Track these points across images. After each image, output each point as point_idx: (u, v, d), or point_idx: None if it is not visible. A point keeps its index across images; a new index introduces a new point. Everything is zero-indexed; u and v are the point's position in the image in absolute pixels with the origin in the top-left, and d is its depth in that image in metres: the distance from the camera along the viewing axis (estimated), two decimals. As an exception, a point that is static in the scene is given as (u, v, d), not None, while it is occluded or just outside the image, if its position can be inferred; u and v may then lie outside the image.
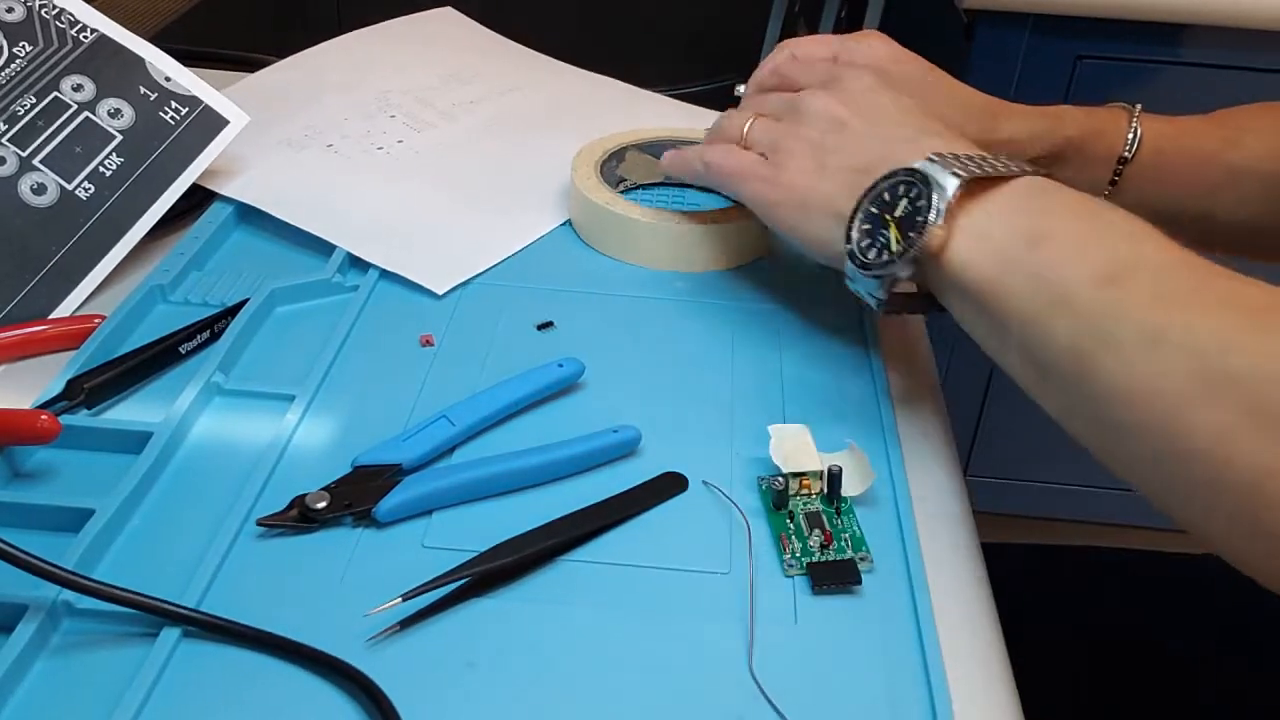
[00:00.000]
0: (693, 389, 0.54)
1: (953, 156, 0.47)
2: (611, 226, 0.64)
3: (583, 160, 0.68)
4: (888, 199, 0.48)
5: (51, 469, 0.48)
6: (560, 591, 0.43)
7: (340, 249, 0.62)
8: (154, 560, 0.44)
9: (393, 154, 0.73)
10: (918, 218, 0.46)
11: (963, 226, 0.46)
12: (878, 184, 0.49)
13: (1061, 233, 0.44)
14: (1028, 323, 0.43)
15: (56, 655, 0.40)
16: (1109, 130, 0.61)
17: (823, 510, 0.47)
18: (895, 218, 0.47)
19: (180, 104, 0.66)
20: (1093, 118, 0.61)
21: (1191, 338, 0.38)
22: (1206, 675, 0.67)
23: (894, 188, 0.48)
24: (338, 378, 0.54)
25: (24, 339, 0.56)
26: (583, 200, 0.65)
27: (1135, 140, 0.61)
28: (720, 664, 0.41)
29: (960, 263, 0.46)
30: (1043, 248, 0.43)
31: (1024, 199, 0.46)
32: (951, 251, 0.46)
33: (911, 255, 0.46)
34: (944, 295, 0.48)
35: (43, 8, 0.65)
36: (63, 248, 0.60)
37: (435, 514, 0.47)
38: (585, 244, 0.66)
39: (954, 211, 0.46)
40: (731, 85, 0.88)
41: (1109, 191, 0.61)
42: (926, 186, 0.46)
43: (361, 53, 0.86)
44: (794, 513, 0.46)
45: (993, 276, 0.44)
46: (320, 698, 0.39)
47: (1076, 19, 1.01)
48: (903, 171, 0.48)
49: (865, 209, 0.49)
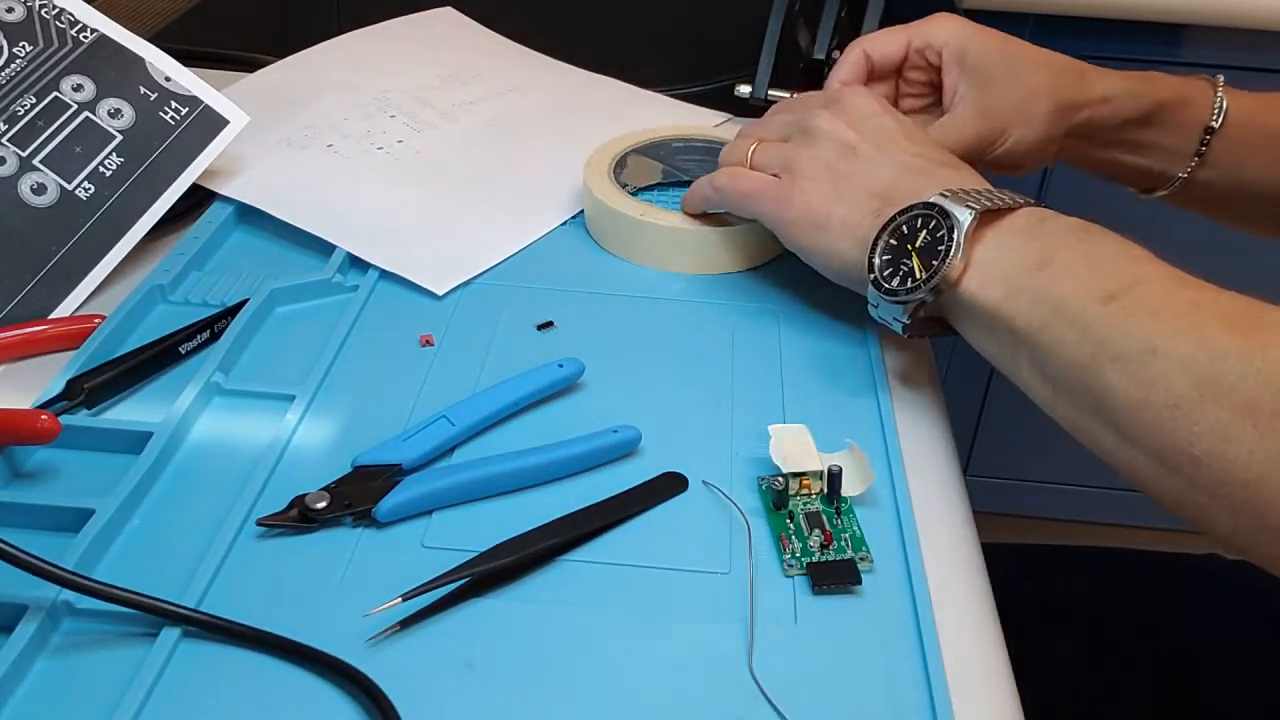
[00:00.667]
0: (693, 389, 0.54)
1: (963, 192, 0.50)
2: (631, 231, 0.63)
3: (596, 161, 0.68)
4: (906, 231, 0.51)
5: (51, 469, 0.48)
6: (560, 591, 0.43)
7: (340, 249, 0.62)
8: (154, 560, 0.44)
9: (393, 154, 0.73)
10: (939, 248, 0.49)
11: (975, 256, 0.49)
12: (896, 218, 0.51)
13: (1063, 257, 0.46)
14: (1036, 341, 0.46)
15: (56, 655, 0.40)
16: (1198, 100, 0.62)
17: (823, 510, 0.47)
18: (916, 248, 0.50)
19: (180, 104, 0.66)
20: (1184, 86, 0.62)
21: (1186, 347, 0.40)
22: (1206, 675, 0.67)
23: (913, 220, 0.51)
24: (338, 378, 0.54)
25: (24, 339, 0.56)
26: (597, 203, 0.65)
27: (1221, 112, 0.62)
28: (720, 664, 0.41)
29: (973, 289, 0.48)
30: (1047, 271, 0.46)
31: (1028, 228, 0.49)
32: (966, 279, 0.49)
33: (934, 284, 0.49)
34: (957, 319, 0.51)
35: (43, 8, 0.65)
36: (63, 248, 0.60)
37: (435, 514, 0.47)
38: (589, 244, 0.66)
39: (968, 243, 0.49)
40: (732, 85, 0.89)
41: (1195, 162, 0.63)
42: (945, 219, 0.49)
43: (361, 53, 0.86)
44: (794, 513, 0.46)
45: (1002, 299, 0.47)
46: (320, 698, 0.39)
47: (1076, 19, 1.01)
48: (920, 206, 0.50)
49: (885, 240, 0.51)
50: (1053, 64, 0.61)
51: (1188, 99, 0.62)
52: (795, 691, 0.40)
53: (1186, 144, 0.63)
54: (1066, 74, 0.61)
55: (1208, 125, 0.62)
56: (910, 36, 0.62)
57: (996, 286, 0.48)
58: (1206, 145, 0.62)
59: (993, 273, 0.48)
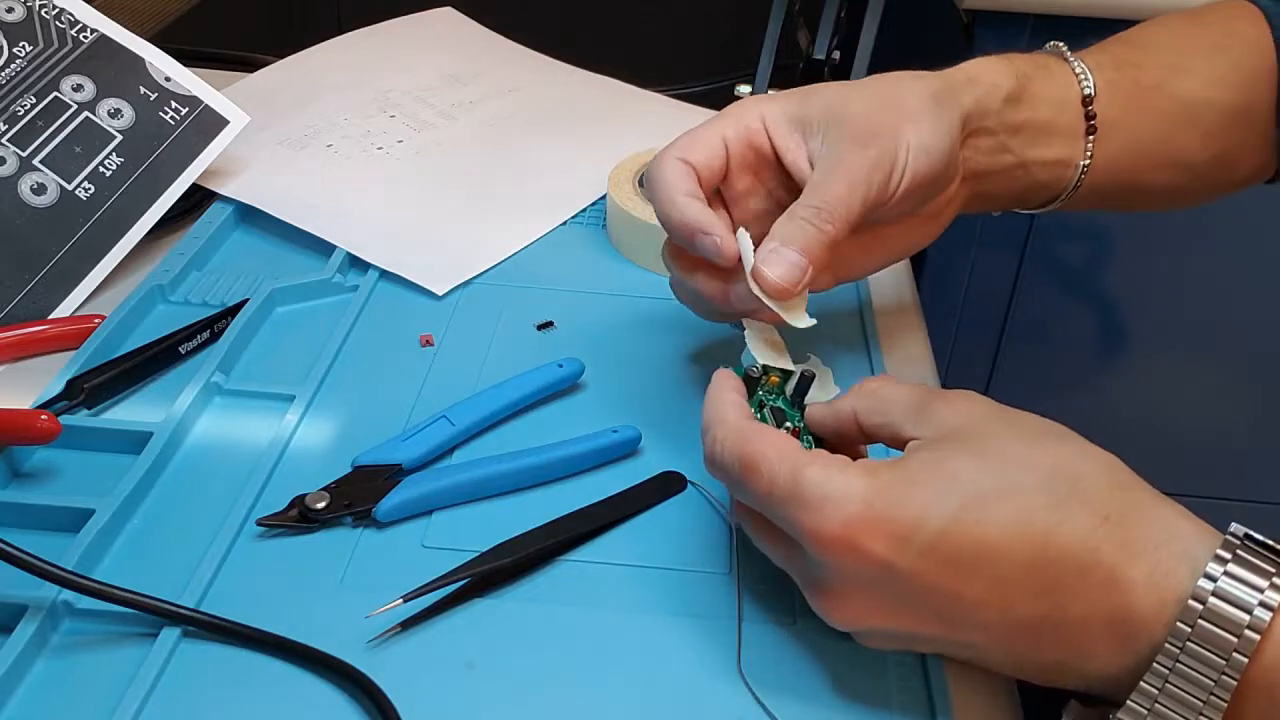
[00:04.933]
0: (692, 389, 0.54)
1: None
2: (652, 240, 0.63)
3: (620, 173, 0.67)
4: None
5: (51, 469, 0.48)
6: (560, 591, 0.43)
7: (340, 249, 0.62)
8: (154, 560, 0.44)
9: (393, 154, 0.73)
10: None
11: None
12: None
13: None
14: None
15: (56, 655, 0.40)
16: (1052, 65, 0.52)
17: (786, 410, 0.46)
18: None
19: (180, 104, 0.66)
20: (1027, 56, 0.52)
21: None
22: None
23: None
24: (338, 378, 0.54)
25: (24, 339, 0.56)
26: (621, 214, 0.64)
27: (1086, 73, 0.51)
28: (720, 664, 0.41)
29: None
30: None
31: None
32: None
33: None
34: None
35: (43, 8, 0.65)
36: (63, 248, 0.60)
37: (435, 514, 0.47)
38: (589, 244, 0.66)
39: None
40: (732, 85, 0.89)
41: (1092, 141, 0.51)
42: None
43: (361, 53, 0.86)
44: (764, 403, 0.45)
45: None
46: (320, 698, 0.39)
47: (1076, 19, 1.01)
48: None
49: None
50: (885, 74, 0.49)
51: (1044, 65, 0.51)
52: (795, 691, 0.40)
53: (1073, 119, 0.51)
54: (907, 75, 0.49)
55: (1083, 94, 0.51)
56: (720, 129, 0.48)
57: None
58: (1093, 117, 0.51)
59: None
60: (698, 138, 0.48)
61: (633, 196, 0.65)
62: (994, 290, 1.12)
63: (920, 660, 0.41)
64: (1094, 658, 0.35)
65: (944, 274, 1.11)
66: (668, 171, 0.47)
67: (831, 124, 0.47)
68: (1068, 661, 0.36)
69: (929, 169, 0.47)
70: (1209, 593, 0.33)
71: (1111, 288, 1.13)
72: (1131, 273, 1.12)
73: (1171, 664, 0.33)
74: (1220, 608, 0.33)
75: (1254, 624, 0.32)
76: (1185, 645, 0.33)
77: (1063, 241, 1.10)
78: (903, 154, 0.46)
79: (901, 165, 0.46)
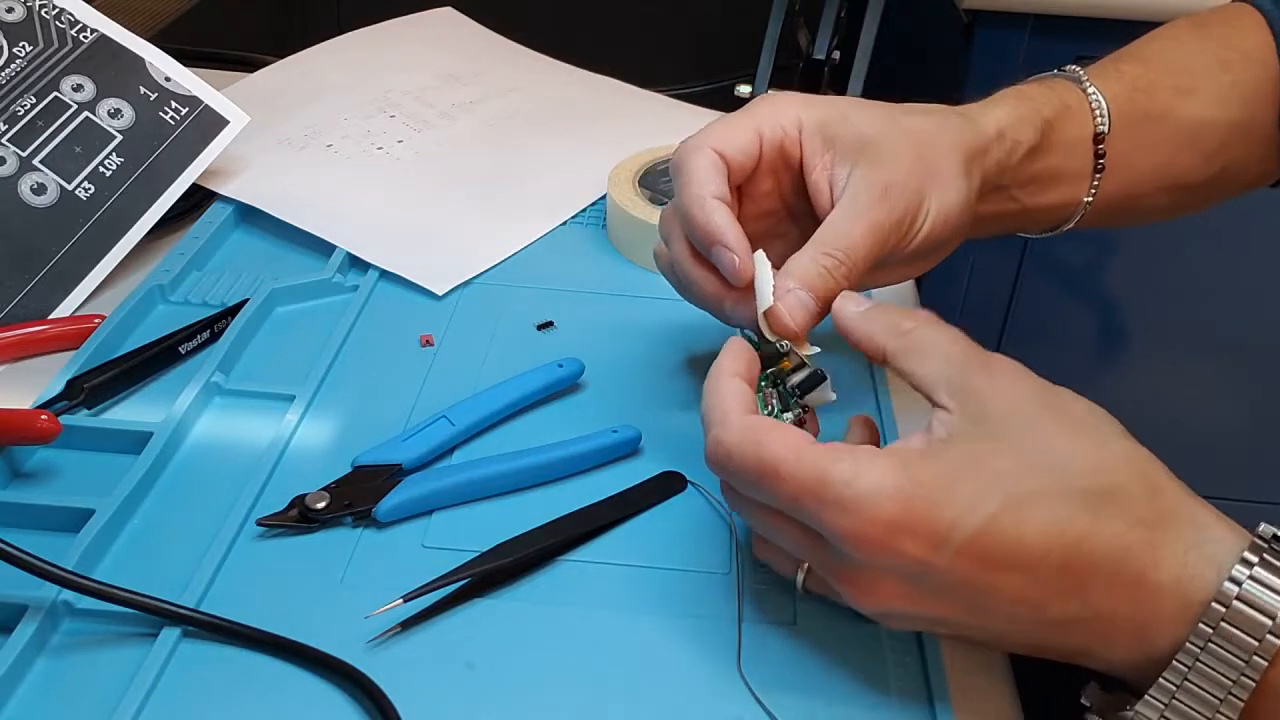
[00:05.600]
0: (693, 389, 0.54)
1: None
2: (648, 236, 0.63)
3: (623, 168, 0.67)
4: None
5: (51, 469, 0.48)
6: (560, 591, 0.43)
7: (340, 249, 0.62)
8: (154, 560, 0.44)
9: (392, 154, 0.73)
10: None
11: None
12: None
13: None
14: None
15: (56, 655, 0.40)
16: (1073, 104, 0.52)
17: (787, 399, 0.45)
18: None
19: (180, 104, 0.66)
20: (1055, 92, 0.52)
21: None
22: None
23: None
24: (338, 378, 0.54)
25: (24, 339, 0.56)
26: (621, 214, 0.64)
27: (1103, 112, 0.52)
28: (720, 664, 0.41)
29: None
30: None
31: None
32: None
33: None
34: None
35: (43, 8, 0.65)
36: (63, 248, 0.60)
37: (435, 514, 0.47)
38: (590, 244, 0.66)
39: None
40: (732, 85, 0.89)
41: (1098, 180, 0.52)
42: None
43: (361, 53, 0.86)
44: (777, 382, 0.45)
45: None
46: (320, 698, 0.39)
47: (1076, 19, 1.01)
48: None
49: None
50: (928, 111, 0.49)
51: (1066, 104, 0.51)
52: (794, 692, 0.40)
53: (1083, 162, 0.52)
54: (949, 116, 0.48)
55: (1096, 132, 0.51)
56: (757, 125, 0.47)
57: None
58: (1102, 156, 0.52)
59: None
60: (734, 131, 0.47)
61: (633, 196, 0.65)
62: (994, 290, 1.12)
63: (920, 660, 0.41)
64: (1117, 647, 0.36)
65: (944, 274, 1.11)
66: (701, 162, 0.46)
67: (862, 160, 0.46)
68: (1092, 648, 0.36)
69: (945, 233, 0.47)
70: (1233, 596, 0.33)
71: (1111, 288, 1.13)
72: (1131, 273, 1.11)
73: (1191, 663, 0.34)
74: (1243, 611, 0.33)
75: (1276, 628, 0.33)
76: (1206, 645, 0.34)
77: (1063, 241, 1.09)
78: (923, 215, 0.46)
79: (919, 224, 0.46)
